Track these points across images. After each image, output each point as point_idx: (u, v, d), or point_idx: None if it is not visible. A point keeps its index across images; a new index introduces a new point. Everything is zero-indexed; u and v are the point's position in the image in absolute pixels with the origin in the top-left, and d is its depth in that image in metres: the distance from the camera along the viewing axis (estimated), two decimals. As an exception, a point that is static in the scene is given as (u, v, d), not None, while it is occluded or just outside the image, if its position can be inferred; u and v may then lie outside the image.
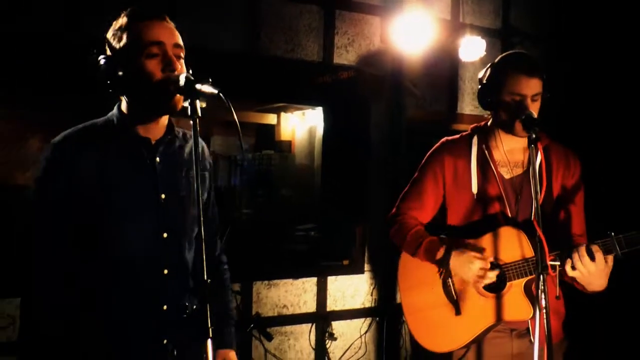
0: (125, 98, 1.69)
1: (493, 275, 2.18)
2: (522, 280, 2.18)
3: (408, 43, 3.84)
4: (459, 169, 2.33)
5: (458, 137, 2.42)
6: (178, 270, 1.70)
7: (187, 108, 1.47)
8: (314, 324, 3.96)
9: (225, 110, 1.44)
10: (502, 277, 2.22)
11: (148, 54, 1.59)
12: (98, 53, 1.64)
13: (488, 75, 2.29)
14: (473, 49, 3.96)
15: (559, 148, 2.33)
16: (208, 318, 1.36)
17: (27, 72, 3.10)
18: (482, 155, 2.30)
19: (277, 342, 3.82)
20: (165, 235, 1.68)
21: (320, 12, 3.95)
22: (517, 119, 2.13)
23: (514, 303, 2.19)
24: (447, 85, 4.46)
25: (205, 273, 1.39)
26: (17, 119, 3.62)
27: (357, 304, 4.12)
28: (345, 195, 4.17)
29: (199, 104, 1.46)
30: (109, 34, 1.66)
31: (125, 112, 1.70)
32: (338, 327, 4.03)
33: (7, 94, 3.20)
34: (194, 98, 1.46)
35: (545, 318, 1.80)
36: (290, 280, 3.89)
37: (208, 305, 1.37)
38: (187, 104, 1.47)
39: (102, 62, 1.62)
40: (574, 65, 4.30)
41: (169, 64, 1.59)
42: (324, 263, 4.09)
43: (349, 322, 4.09)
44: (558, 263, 2.07)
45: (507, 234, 2.21)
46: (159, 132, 1.71)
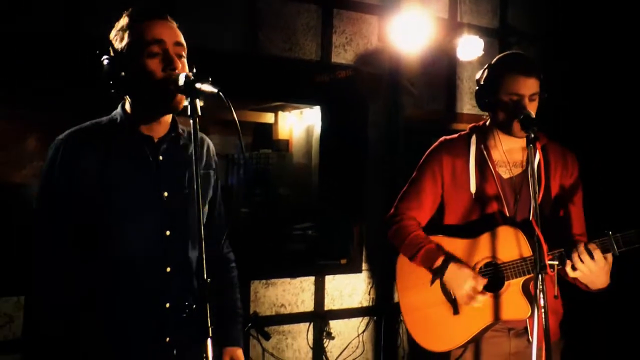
0: (128, 97, 1.69)
1: (482, 300, 2.19)
2: (520, 280, 2.18)
3: (406, 42, 3.84)
4: (458, 169, 2.33)
5: (456, 136, 2.42)
6: (181, 269, 1.70)
7: (187, 107, 1.47)
8: (312, 323, 3.96)
9: (223, 109, 1.44)
10: (499, 276, 2.22)
11: (149, 53, 1.59)
12: (101, 53, 1.64)
13: (485, 77, 2.30)
14: (471, 48, 3.97)
15: (557, 147, 2.33)
16: (208, 317, 1.36)
17: (27, 72, 3.09)
18: (480, 155, 2.30)
19: (274, 341, 3.81)
20: (168, 233, 1.68)
21: (318, 11, 3.95)
22: (515, 119, 2.13)
23: (512, 302, 2.19)
24: (444, 85, 4.46)
25: (205, 272, 1.38)
26: (16, 119, 3.61)
27: (354, 303, 4.12)
28: (343, 194, 4.17)
29: (199, 103, 1.47)
30: (112, 34, 1.67)
31: (129, 111, 1.70)
32: (336, 326, 4.03)
33: (7, 94, 3.19)
34: (194, 97, 1.45)
35: (544, 317, 1.81)
36: (288, 280, 3.89)
37: (208, 305, 1.36)
38: (187, 103, 1.47)
39: (105, 62, 1.63)
40: (572, 65, 4.31)
41: (170, 63, 1.59)
42: (322, 262, 4.09)
43: (347, 321, 4.09)
44: (556, 262, 2.07)
45: (505, 233, 2.21)
46: (163, 130, 1.72)
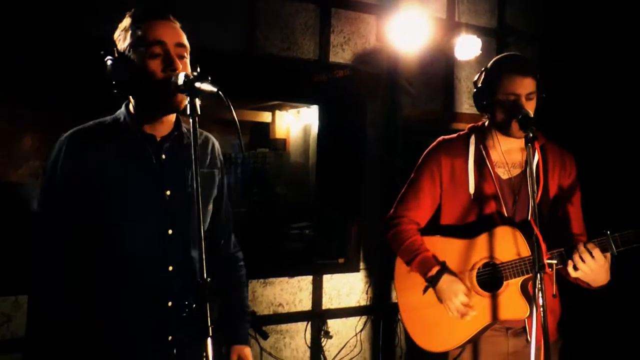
0: (131, 98, 1.70)
1: (471, 314, 2.21)
2: (518, 279, 2.19)
3: (404, 42, 3.85)
4: (456, 169, 2.33)
5: (455, 136, 2.42)
6: (183, 268, 1.70)
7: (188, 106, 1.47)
8: (310, 322, 3.96)
9: (221, 108, 1.44)
10: (498, 276, 2.22)
11: (150, 54, 1.60)
12: (105, 54, 1.65)
13: (482, 79, 2.31)
14: (468, 48, 3.98)
15: (555, 148, 2.34)
16: (208, 317, 1.36)
17: (26, 71, 3.09)
18: (479, 155, 2.30)
19: (272, 340, 3.82)
20: (170, 232, 1.68)
21: (317, 10, 3.95)
22: (513, 119, 2.13)
23: (511, 302, 2.19)
24: (442, 84, 4.46)
25: (205, 271, 1.38)
26: (13, 118, 3.60)
27: (352, 302, 4.13)
28: (341, 194, 4.17)
29: (198, 102, 1.47)
30: (116, 35, 1.67)
31: (132, 111, 1.71)
32: (333, 325, 4.04)
33: (6, 94, 3.19)
34: (194, 96, 1.45)
35: (543, 317, 1.81)
36: (286, 279, 3.89)
37: (208, 304, 1.36)
38: (186, 102, 1.47)
39: (108, 62, 1.63)
40: (569, 64, 4.32)
41: (170, 64, 1.59)
42: (320, 261, 4.09)
43: (345, 320, 4.09)
44: (555, 261, 2.07)
45: (503, 233, 2.21)
46: (166, 130, 1.72)
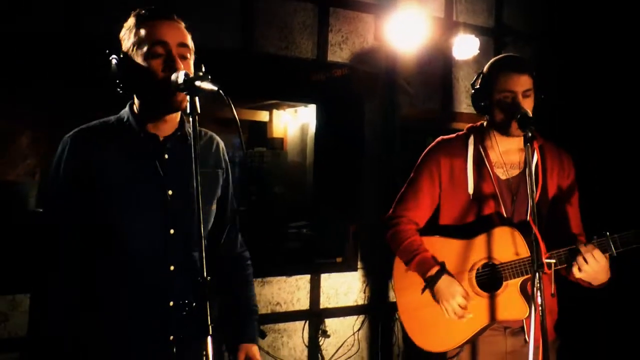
0: (135, 97, 1.70)
1: (468, 317, 2.22)
2: (518, 280, 2.19)
3: (402, 41, 3.85)
4: (455, 169, 2.32)
5: (454, 136, 2.42)
6: (185, 267, 1.70)
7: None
8: (307, 322, 3.97)
9: (219, 107, 1.44)
10: (497, 276, 2.22)
11: (152, 54, 1.60)
12: (110, 53, 1.65)
13: (479, 81, 2.31)
14: (466, 48, 3.98)
15: (553, 148, 2.34)
16: (208, 315, 1.36)
17: (26, 71, 3.08)
18: (478, 155, 2.30)
19: (270, 339, 3.81)
20: (172, 232, 1.68)
21: (315, 9, 3.95)
22: (512, 119, 2.13)
23: (510, 302, 2.19)
24: (440, 84, 4.46)
25: (205, 270, 1.38)
26: (11, 118, 3.60)
27: (350, 302, 4.13)
28: (338, 193, 4.17)
29: (198, 101, 1.46)
30: (121, 34, 1.68)
31: (136, 110, 1.71)
32: (331, 324, 4.04)
33: (4, 94, 3.19)
34: (194, 95, 1.46)
35: (541, 316, 1.81)
36: (284, 278, 3.89)
37: (208, 303, 1.36)
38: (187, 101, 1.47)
39: (112, 62, 1.64)
40: (567, 64, 4.33)
41: (172, 63, 1.59)
42: (318, 260, 4.09)
43: (342, 319, 4.09)
44: (554, 261, 2.08)
45: (502, 234, 2.21)
46: (170, 129, 1.72)
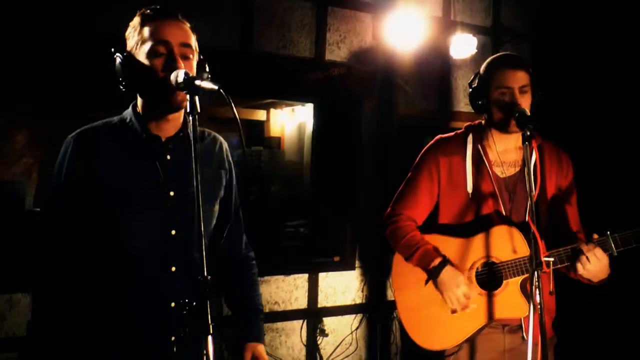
0: (139, 96, 1.71)
1: (472, 307, 2.22)
2: (518, 279, 2.19)
3: (400, 40, 3.85)
4: (454, 167, 2.33)
5: (452, 135, 2.42)
6: (187, 268, 1.69)
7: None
8: (306, 321, 3.96)
9: (217, 106, 1.44)
10: (498, 275, 2.23)
11: (154, 52, 1.60)
12: (115, 52, 1.65)
13: (477, 79, 2.32)
14: (464, 47, 3.99)
15: (551, 147, 2.34)
16: (208, 314, 1.36)
17: (25, 71, 3.08)
18: (477, 154, 2.31)
19: (268, 338, 3.81)
20: (174, 233, 1.67)
21: (313, 8, 3.94)
22: (511, 117, 2.14)
23: (510, 301, 2.20)
24: (438, 83, 4.47)
25: (206, 269, 1.38)
26: (8, 117, 3.60)
27: (348, 301, 4.13)
28: (336, 192, 4.17)
29: (198, 100, 1.46)
30: (127, 33, 1.68)
31: (139, 110, 1.71)
32: (329, 323, 4.04)
33: (3, 93, 3.19)
34: (194, 94, 1.45)
35: (540, 314, 1.82)
36: (282, 277, 3.89)
37: (208, 302, 1.36)
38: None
39: (117, 60, 1.64)
40: (564, 63, 4.34)
41: (172, 63, 1.59)
42: (315, 259, 4.09)
43: (340, 318, 4.09)
44: (552, 259, 2.08)
45: (502, 233, 2.22)
46: (172, 130, 1.71)
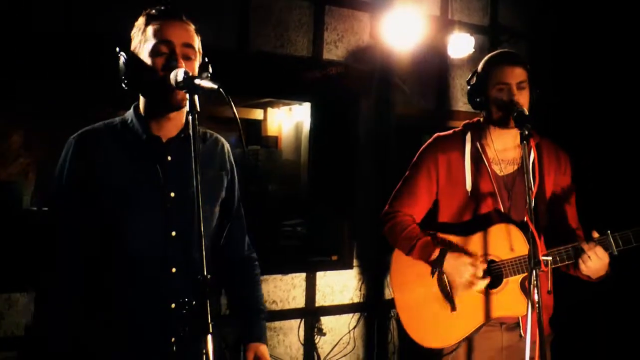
0: (141, 96, 1.71)
1: (484, 283, 2.21)
2: (518, 277, 2.20)
3: (397, 39, 3.85)
4: (453, 165, 2.33)
5: (450, 133, 2.42)
6: (187, 269, 1.69)
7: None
8: (303, 320, 3.96)
9: (216, 106, 1.44)
10: (498, 274, 2.23)
11: (156, 52, 1.61)
12: (120, 51, 1.65)
13: (475, 77, 2.33)
14: (462, 46, 3.99)
15: (550, 145, 2.35)
16: (208, 314, 1.36)
17: (25, 71, 3.08)
18: (476, 152, 2.31)
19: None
20: (174, 234, 1.67)
21: (310, 7, 3.94)
22: (509, 115, 2.14)
23: (511, 299, 2.20)
24: (436, 82, 4.47)
25: (205, 269, 1.38)
26: (6, 117, 3.59)
27: (345, 300, 4.13)
28: (333, 191, 4.17)
29: (197, 100, 1.46)
30: (132, 32, 1.68)
31: (141, 111, 1.71)
32: (327, 322, 4.04)
33: (6, 93, 3.18)
34: (193, 93, 1.46)
35: (538, 312, 1.82)
36: (280, 276, 3.89)
37: (208, 301, 1.36)
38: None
39: (120, 59, 1.64)
40: (561, 62, 4.34)
41: (173, 62, 1.59)
42: (313, 258, 4.09)
43: (338, 317, 4.09)
44: (550, 258, 2.09)
45: (501, 231, 2.22)
46: (173, 131, 1.71)
